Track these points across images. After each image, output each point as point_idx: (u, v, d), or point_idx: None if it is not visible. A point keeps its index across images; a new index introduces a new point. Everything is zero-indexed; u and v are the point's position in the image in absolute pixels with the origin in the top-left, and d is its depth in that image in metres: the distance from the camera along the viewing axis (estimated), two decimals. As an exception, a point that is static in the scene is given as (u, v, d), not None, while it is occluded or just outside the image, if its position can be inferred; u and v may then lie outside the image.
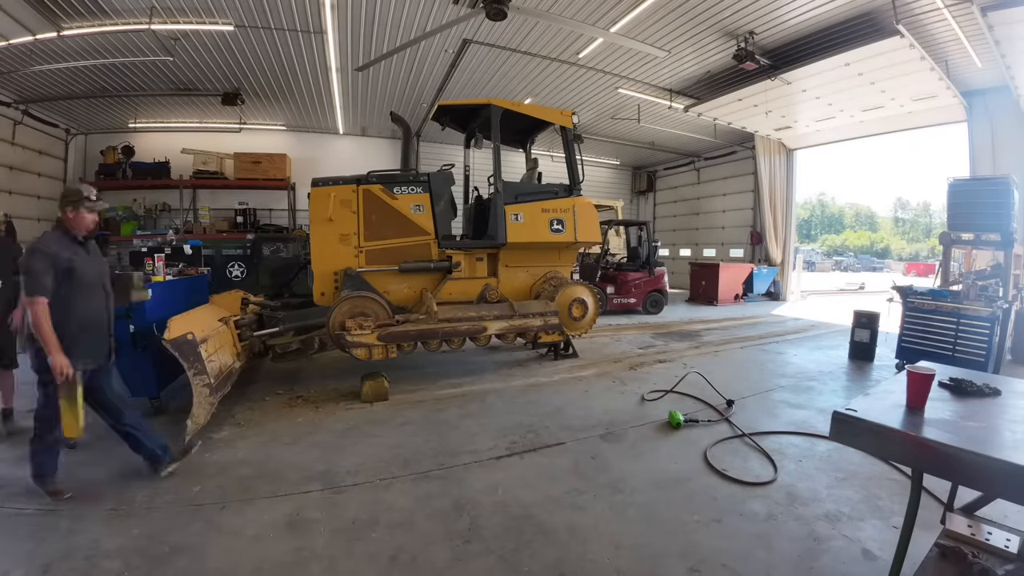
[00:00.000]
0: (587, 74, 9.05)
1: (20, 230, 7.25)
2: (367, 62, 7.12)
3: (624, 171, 17.92)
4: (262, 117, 11.42)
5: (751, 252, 14.25)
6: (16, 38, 6.58)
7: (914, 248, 56.73)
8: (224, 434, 3.69)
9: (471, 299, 5.52)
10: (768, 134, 12.29)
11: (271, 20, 6.75)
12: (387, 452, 3.42)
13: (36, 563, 2.15)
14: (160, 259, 4.61)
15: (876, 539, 2.40)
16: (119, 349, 3.72)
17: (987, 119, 8.78)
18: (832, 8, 6.53)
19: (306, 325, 5.13)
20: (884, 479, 3.01)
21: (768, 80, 8.19)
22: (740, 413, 4.27)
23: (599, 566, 2.23)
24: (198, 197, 11.81)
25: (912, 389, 1.75)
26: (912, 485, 1.63)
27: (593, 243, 6.43)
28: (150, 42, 7.15)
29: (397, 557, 2.26)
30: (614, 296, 10.09)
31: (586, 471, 3.17)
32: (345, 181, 5.14)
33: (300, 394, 4.69)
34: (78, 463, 3.17)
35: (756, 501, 2.79)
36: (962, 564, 1.83)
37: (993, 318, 4.90)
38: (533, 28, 7.23)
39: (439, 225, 5.37)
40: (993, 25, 5.94)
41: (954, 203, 5.87)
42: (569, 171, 5.93)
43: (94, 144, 11.19)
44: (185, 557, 2.24)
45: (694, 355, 6.52)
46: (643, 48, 6.72)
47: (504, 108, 5.54)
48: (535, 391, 4.91)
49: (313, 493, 2.84)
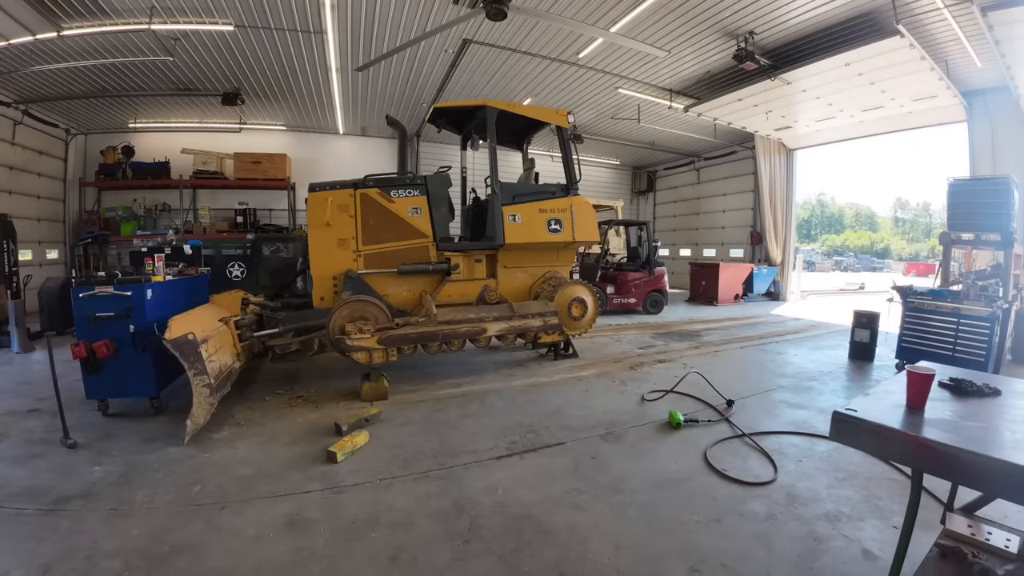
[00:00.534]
0: (587, 74, 9.06)
1: (20, 230, 7.30)
2: (367, 62, 7.12)
3: (624, 171, 17.93)
4: (262, 117, 11.42)
5: (751, 252, 14.25)
6: (16, 38, 6.59)
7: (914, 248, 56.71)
8: (224, 434, 3.69)
9: (470, 301, 5.52)
10: (768, 134, 12.29)
11: (271, 20, 6.75)
12: (387, 452, 3.42)
13: (36, 563, 2.15)
14: (160, 259, 4.60)
15: (876, 539, 2.40)
16: (119, 349, 3.74)
17: (987, 119, 8.78)
18: (832, 8, 6.53)
19: (306, 326, 5.13)
20: (884, 479, 3.01)
21: (768, 80, 8.19)
22: (740, 413, 4.27)
23: (599, 566, 2.23)
24: (198, 197, 11.83)
25: (912, 389, 1.75)
26: (912, 485, 1.63)
27: (591, 242, 6.43)
28: (150, 42, 7.16)
29: (397, 557, 2.27)
30: (614, 296, 10.09)
31: (586, 471, 3.17)
32: (342, 185, 5.13)
33: (300, 394, 4.70)
34: (78, 463, 3.16)
35: (756, 501, 2.79)
36: (962, 564, 1.83)
37: (993, 318, 4.90)
38: (533, 28, 7.23)
39: (437, 227, 5.37)
40: (993, 25, 5.94)
41: (954, 203, 5.87)
42: (566, 171, 5.93)
43: (94, 144, 11.20)
44: (185, 557, 2.24)
45: (694, 355, 6.52)
46: (643, 48, 6.72)
47: (500, 109, 5.54)
48: (535, 391, 4.91)
49: (313, 493, 2.84)
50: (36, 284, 7.31)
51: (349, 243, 5.10)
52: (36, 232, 9.98)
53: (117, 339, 3.76)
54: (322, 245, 5.06)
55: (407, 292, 5.39)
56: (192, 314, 4.09)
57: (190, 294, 4.92)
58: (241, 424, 3.92)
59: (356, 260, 5.12)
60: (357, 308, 4.76)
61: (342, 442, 3.36)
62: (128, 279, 3.98)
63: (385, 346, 4.65)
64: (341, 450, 3.26)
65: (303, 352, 5.08)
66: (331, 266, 5.09)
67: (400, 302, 5.32)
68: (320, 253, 5.08)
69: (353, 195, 5.10)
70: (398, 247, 5.26)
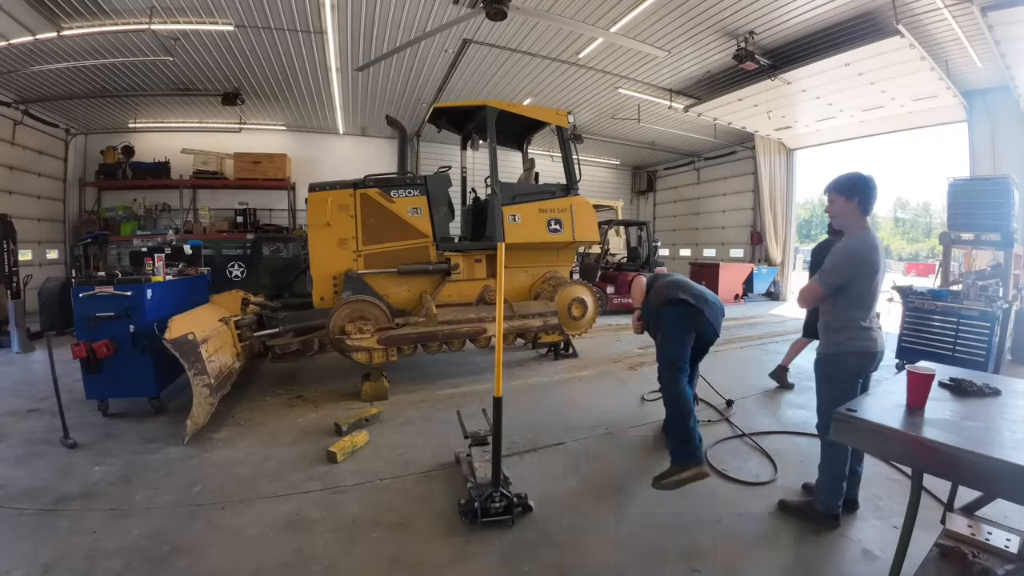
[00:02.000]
0: (587, 74, 9.05)
1: (20, 230, 7.29)
2: (367, 62, 7.12)
3: (624, 171, 17.92)
4: (262, 117, 11.42)
5: (751, 252, 14.25)
6: (16, 38, 6.58)
7: (914, 248, 56.62)
8: (224, 434, 3.69)
9: (470, 301, 5.52)
10: (768, 134, 12.29)
11: (271, 20, 6.75)
12: (387, 452, 3.41)
13: (36, 563, 2.15)
14: (160, 259, 4.60)
15: (876, 539, 2.40)
16: (119, 349, 3.74)
17: (987, 119, 8.77)
18: (832, 8, 6.53)
19: (306, 326, 5.12)
20: (884, 479, 3.00)
21: (768, 80, 8.19)
22: (740, 413, 4.27)
23: (599, 566, 2.23)
24: (198, 197, 11.82)
25: (912, 389, 1.75)
26: (912, 485, 1.63)
27: (591, 242, 6.43)
28: (150, 42, 7.15)
29: (398, 557, 2.26)
30: (614, 296, 10.09)
31: (586, 471, 3.17)
32: (342, 186, 5.13)
33: (300, 394, 4.70)
34: (78, 463, 3.16)
35: (756, 501, 2.79)
36: (962, 564, 1.83)
37: (993, 318, 4.90)
38: (533, 28, 7.23)
39: (437, 227, 5.37)
40: (993, 25, 5.94)
41: (954, 203, 5.87)
42: (566, 170, 5.93)
43: (94, 144, 11.19)
44: (185, 557, 2.23)
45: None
46: (643, 48, 6.72)
47: (499, 109, 5.54)
48: (535, 391, 4.91)
49: (313, 493, 2.84)
50: (36, 284, 7.31)
51: (349, 243, 5.10)
52: (36, 232, 9.97)
53: (117, 339, 3.76)
54: (322, 245, 5.06)
55: (407, 292, 5.39)
56: (192, 314, 4.09)
57: (190, 294, 4.92)
58: (241, 424, 3.92)
59: (356, 260, 5.12)
60: (357, 308, 4.76)
61: (342, 442, 3.36)
62: (128, 279, 3.98)
63: (385, 346, 4.65)
64: (341, 450, 3.27)
65: (303, 352, 5.09)
66: (331, 266, 5.09)
67: (400, 302, 5.32)
68: (320, 253, 5.08)
69: (353, 195, 5.10)
70: (398, 247, 5.26)
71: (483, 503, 2.46)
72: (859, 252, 2.38)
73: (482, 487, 2.55)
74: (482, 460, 2.81)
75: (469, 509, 2.48)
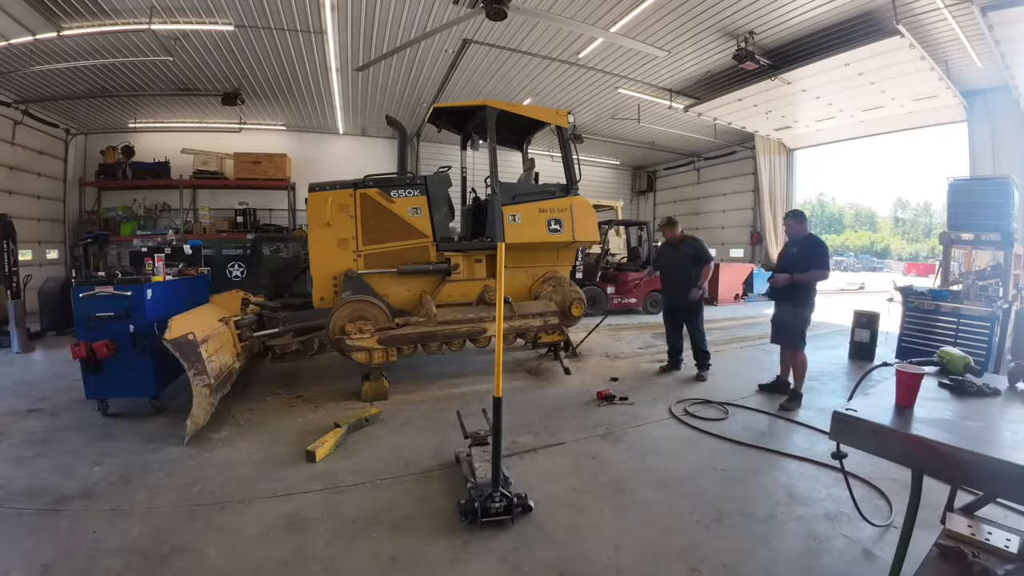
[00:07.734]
0: (587, 74, 9.05)
1: (20, 230, 7.29)
2: (367, 62, 7.12)
3: (624, 171, 17.92)
4: (262, 117, 11.42)
5: (751, 252, 14.25)
6: (16, 38, 6.59)
7: (914, 248, 56.65)
8: (224, 434, 3.69)
9: (470, 301, 5.51)
10: (768, 134, 12.30)
11: (271, 20, 6.75)
12: (387, 452, 3.41)
13: (36, 563, 2.15)
14: (160, 259, 4.60)
15: (876, 539, 2.40)
16: (119, 349, 3.74)
17: (987, 119, 8.78)
18: (832, 8, 6.53)
19: (306, 326, 5.12)
20: (884, 479, 3.00)
21: (768, 80, 8.19)
22: (740, 413, 4.27)
23: (599, 566, 2.23)
24: (198, 197, 11.82)
25: (901, 388, 1.74)
26: (912, 485, 1.63)
27: (591, 242, 6.42)
28: (150, 42, 7.16)
29: (397, 557, 2.26)
30: (614, 296, 10.08)
31: (586, 471, 3.17)
32: (342, 186, 5.13)
33: (300, 394, 4.70)
34: (78, 463, 3.16)
35: (756, 501, 2.79)
36: (962, 564, 1.83)
37: (993, 318, 4.91)
38: (533, 28, 7.23)
39: (437, 227, 5.36)
40: (993, 25, 5.94)
41: (954, 203, 5.87)
42: (566, 170, 5.92)
43: (94, 144, 11.20)
44: (185, 557, 2.23)
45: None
46: (643, 48, 6.72)
47: (499, 109, 5.53)
48: (535, 391, 4.91)
49: (313, 493, 2.84)
50: (36, 284, 7.31)
51: (349, 243, 5.09)
52: (36, 232, 9.97)
53: (117, 339, 3.76)
54: (322, 245, 5.06)
55: (407, 292, 5.38)
56: (192, 314, 4.09)
57: (190, 294, 4.92)
58: (241, 424, 3.92)
59: (356, 260, 5.11)
60: (357, 308, 4.76)
61: (316, 442, 3.33)
62: (128, 279, 3.99)
63: (385, 346, 4.65)
64: (316, 449, 3.23)
65: (303, 352, 5.08)
66: (331, 266, 5.08)
67: (400, 302, 5.31)
68: (320, 253, 5.07)
69: (353, 195, 5.10)
70: (398, 247, 5.25)
71: (483, 503, 2.46)
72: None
73: (482, 487, 2.55)
74: (482, 460, 2.81)
75: (469, 509, 2.48)
